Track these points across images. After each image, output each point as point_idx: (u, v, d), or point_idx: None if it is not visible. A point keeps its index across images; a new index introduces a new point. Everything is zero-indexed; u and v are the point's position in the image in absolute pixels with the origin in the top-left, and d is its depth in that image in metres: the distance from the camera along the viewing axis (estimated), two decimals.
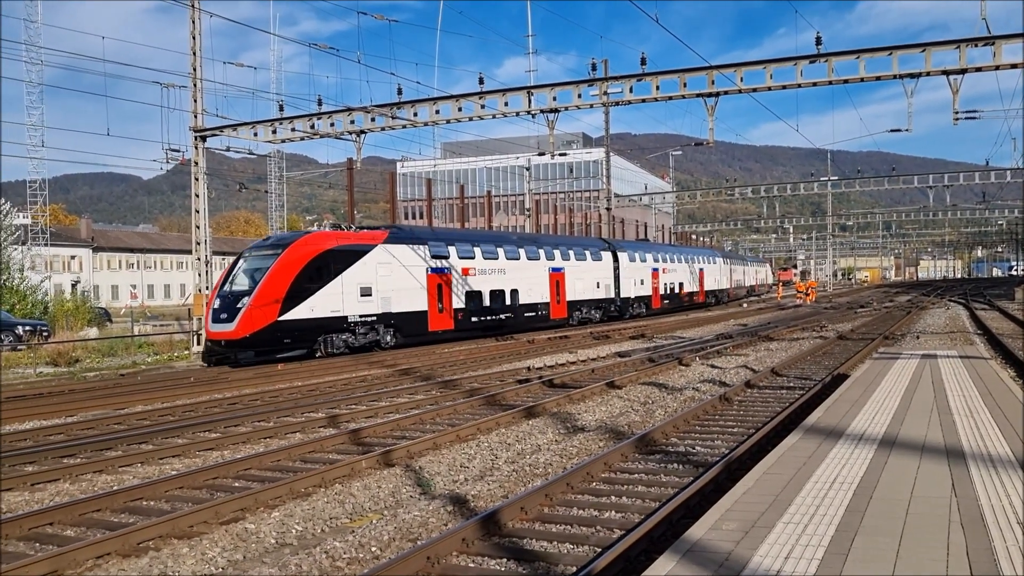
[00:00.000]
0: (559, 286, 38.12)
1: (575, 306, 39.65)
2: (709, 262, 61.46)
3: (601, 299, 42.25)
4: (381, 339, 28.20)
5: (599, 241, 46.20)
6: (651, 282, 48.33)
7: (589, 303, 41.11)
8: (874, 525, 5.72)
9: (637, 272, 46.45)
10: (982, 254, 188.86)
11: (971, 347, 21.28)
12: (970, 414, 10.15)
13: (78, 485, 10.33)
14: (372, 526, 7.78)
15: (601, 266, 42.37)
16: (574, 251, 40.34)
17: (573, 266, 39.56)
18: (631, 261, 45.74)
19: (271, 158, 78.43)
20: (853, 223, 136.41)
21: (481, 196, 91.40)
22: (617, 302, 43.84)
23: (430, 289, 30.47)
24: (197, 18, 28.34)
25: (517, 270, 35.30)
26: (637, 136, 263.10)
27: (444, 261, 31.40)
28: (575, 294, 39.56)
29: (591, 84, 26.14)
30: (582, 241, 45.13)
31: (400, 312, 28.99)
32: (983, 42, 22.41)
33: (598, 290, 41.96)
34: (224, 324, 24.34)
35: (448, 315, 31.38)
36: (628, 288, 45.10)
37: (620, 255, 44.57)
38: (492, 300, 33.74)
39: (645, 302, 47.70)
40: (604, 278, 42.59)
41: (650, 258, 48.92)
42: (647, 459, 10.49)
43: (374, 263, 28.01)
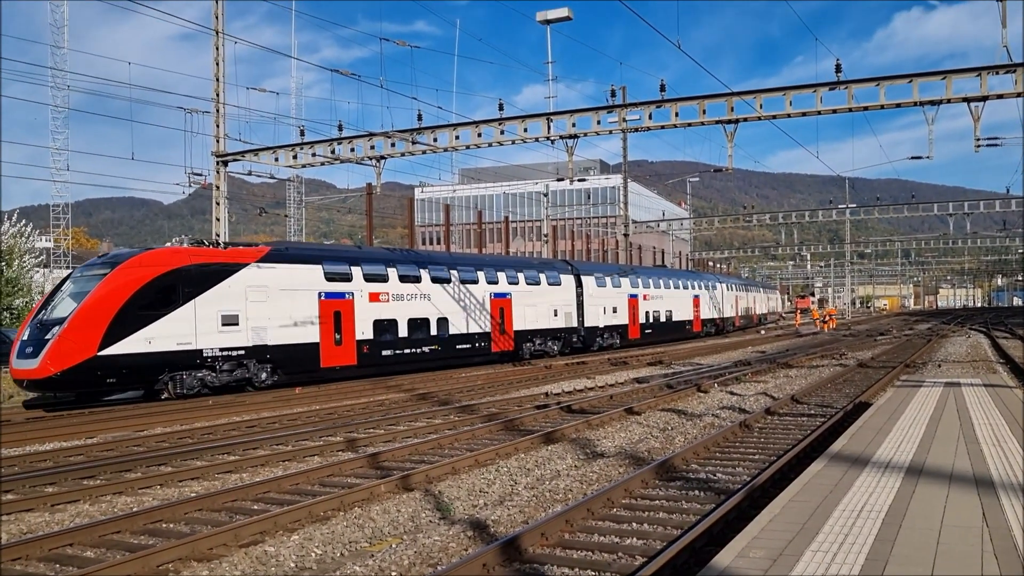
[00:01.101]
0: (504, 314, 33.22)
1: (525, 337, 34.54)
2: (706, 288, 56.30)
3: (560, 329, 36.91)
4: (253, 377, 23.70)
5: (560, 263, 40.78)
6: (627, 310, 43.16)
7: (544, 333, 35.82)
8: (905, 554, 5.62)
9: (608, 299, 41.24)
10: (1002, 283, 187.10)
11: (994, 375, 21.02)
12: (997, 443, 9.99)
13: (98, 506, 10.33)
14: (392, 550, 7.72)
15: (560, 291, 37.17)
16: (525, 274, 35.25)
17: (523, 291, 34.54)
18: (599, 286, 40.70)
19: (291, 183, 79.09)
20: (872, 250, 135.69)
21: (499, 222, 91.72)
22: (581, 332, 38.66)
23: (324, 317, 25.85)
24: (221, 44, 28.72)
25: (446, 295, 30.60)
26: (655, 163, 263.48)
27: (345, 284, 26.80)
28: (525, 323, 34.47)
29: (610, 110, 26.24)
30: (537, 263, 39.52)
31: (280, 345, 24.35)
32: (1004, 69, 22.34)
33: (556, 319, 36.63)
34: (27, 360, 19.84)
35: (349, 348, 26.63)
36: (595, 316, 39.93)
37: (585, 279, 39.39)
38: (412, 330, 28.97)
39: (619, 332, 42.27)
40: (564, 305, 37.37)
41: (626, 283, 43.80)
42: (668, 485, 10.38)
43: (242, 286, 23.40)
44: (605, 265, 47.62)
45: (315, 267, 26.10)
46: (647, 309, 45.71)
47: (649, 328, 45.83)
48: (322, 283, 26.02)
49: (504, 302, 33.48)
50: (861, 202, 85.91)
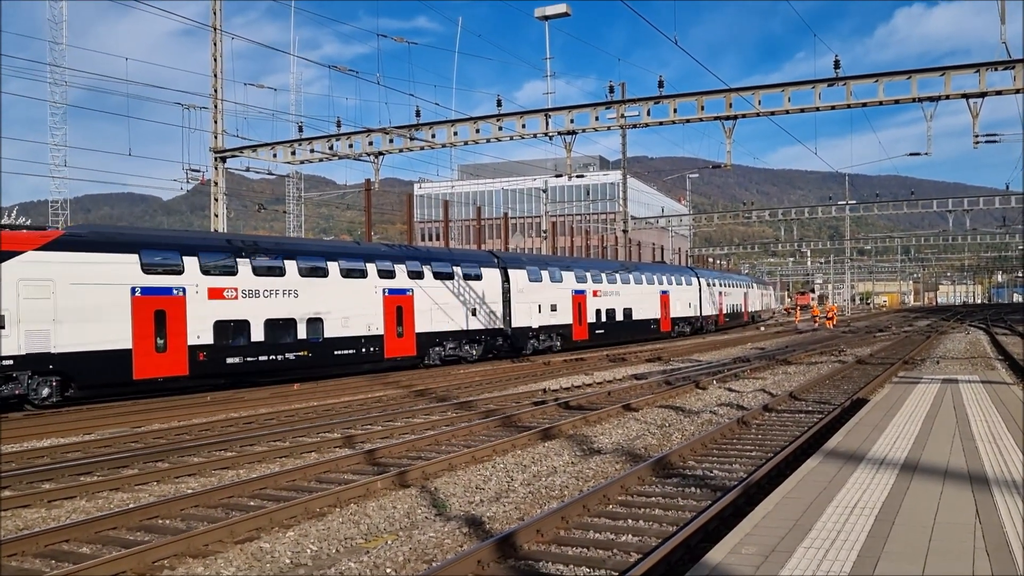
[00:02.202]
0: (402, 313, 28.80)
1: (431, 340, 30.01)
2: (678, 283, 50.77)
3: (480, 331, 32.29)
4: (30, 393, 19.56)
5: (483, 255, 35.76)
6: (572, 308, 38.31)
7: (458, 336, 31.29)
8: (897, 551, 5.63)
9: (544, 295, 36.35)
10: (1002, 279, 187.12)
11: (992, 372, 21.04)
12: (993, 439, 10.00)
13: (94, 503, 10.34)
14: (387, 547, 7.73)
15: (480, 287, 32.62)
16: (433, 267, 30.62)
17: (429, 287, 30.09)
18: (533, 281, 35.83)
19: (290, 179, 79.08)
20: (871, 247, 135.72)
21: (498, 218, 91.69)
22: (508, 333, 33.94)
23: (139, 318, 21.55)
24: (219, 40, 28.71)
25: (321, 292, 26.04)
26: (654, 159, 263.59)
27: (172, 278, 22.37)
28: (432, 324, 29.98)
29: (609, 107, 26.23)
30: (450, 255, 33.68)
31: (72, 352, 20.15)
32: (1003, 66, 22.34)
33: (474, 319, 32.00)
34: None
35: (177, 356, 22.24)
36: (527, 315, 35.06)
37: (513, 273, 34.57)
38: (271, 334, 24.48)
39: (561, 333, 37.50)
40: (486, 303, 32.82)
41: (569, 277, 38.73)
42: (664, 482, 10.39)
43: (13, 280, 19.33)
44: (543, 257, 41.72)
45: (127, 256, 21.66)
46: (599, 307, 40.86)
47: (601, 328, 40.86)
48: (138, 276, 21.70)
49: (402, 300, 28.96)
50: (861, 199, 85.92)
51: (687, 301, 51.41)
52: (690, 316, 51.73)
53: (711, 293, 56.16)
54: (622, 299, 43.21)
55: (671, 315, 48.73)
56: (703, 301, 53.92)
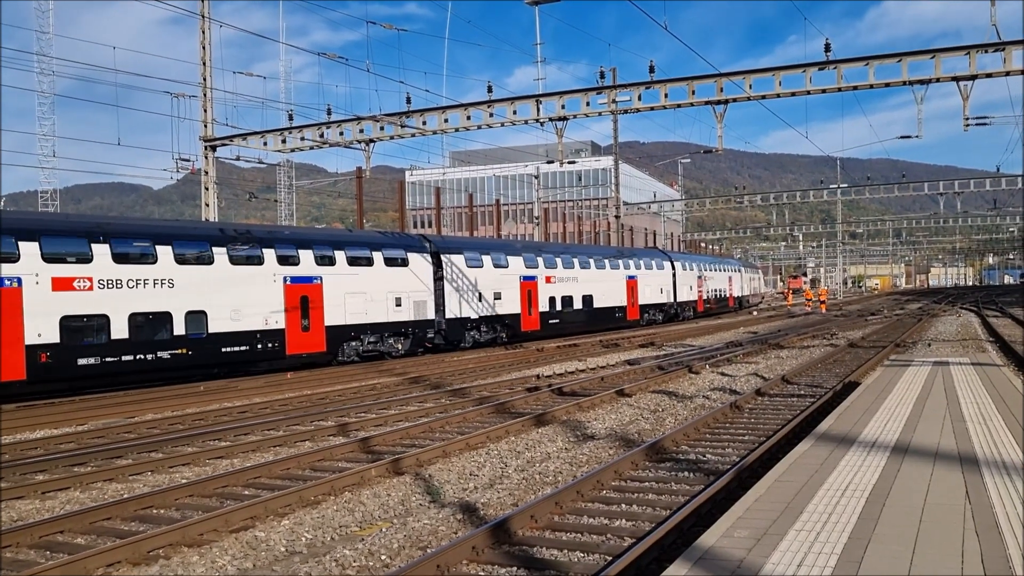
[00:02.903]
0: (308, 305, 25.94)
1: (345, 333, 27.10)
2: (648, 267, 47.48)
3: (407, 322, 29.49)
4: None
5: (412, 238, 32.23)
6: (519, 295, 35.39)
7: (381, 328, 28.41)
8: (887, 533, 5.68)
9: (486, 282, 33.52)
10: (993, 261, 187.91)
11: (983, 354, 21.15)
12: (983, 421, 10.07)
13: (88, 493, 10.35)
14: (382, 534, 7.76)
15: (406, 274, 29.58)
16: (347, 252, 27.58)
17: (343, 275, 27.10)
18: (473, 267, 32.97)
19: (281, 167, 78.85)
20: (863, 230, 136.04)
21: (490, 204, 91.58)
22: (442, 325, 31.26)
23: None
24: (207, 28, 28.53)
25: (204, 281, 23.04)
26: (646, 144, 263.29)
27: (7, 266, 19.33)
28: (346, 315, 27.14)
29: (599, 92, 26.19)
30: (370, 238, 30.11)
31: None
32: (993, 48, 22.36)
33: (399, 310, 29.09)
34: None
35: (13, 358, 19.21)
36: (464, 305, 32.36)
37: (448, 259, 31.83)
38: (137, 330, 21.45)
39: (506, 323, 34.63)
40: (414, 292, 29.81)
41: (517, 263, 35.79)
42: (658, 467, 10.44)
43: None
44: (485, 241, 38.49)
45: None
46: (553, 294, 37.70)
47: (555, 317, 37.81)
48: None
49: (309, 289, 25.98)
50: (852, 182, 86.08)
51: (659, 287, 48.17)
52: (662, 303, 48.55)
53: (688, 278, 52.91)
54: (581, 285, 40.05)
55: (640, 302, 45.52)
56: (677, 286, 50.69)
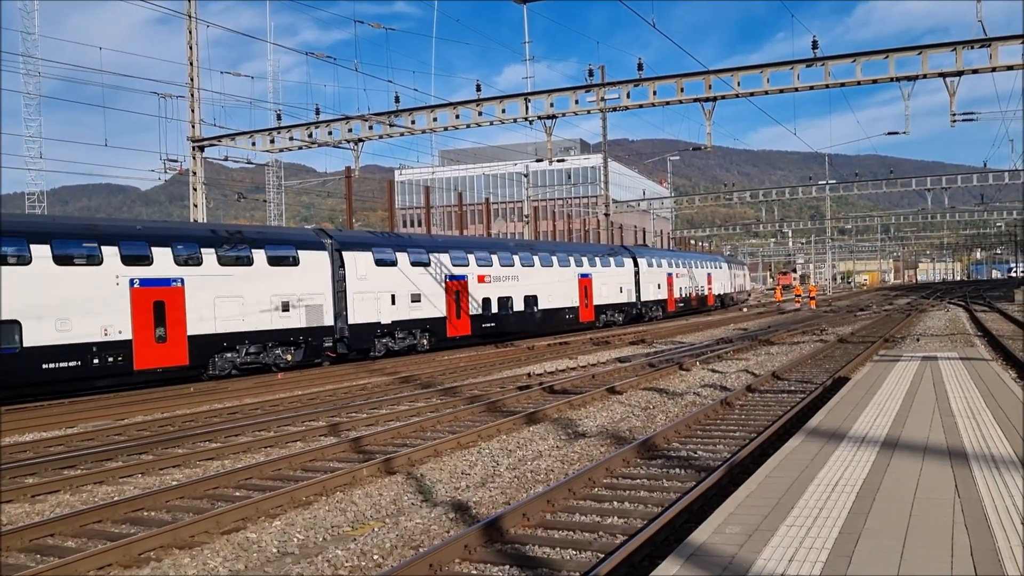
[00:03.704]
0: (164, 311, 22.20)
1: (216, 344, 23.27)
2: (605, 264, 43.41)
3: (295, 329, 25.47)
4: None
5: (305, 234, 28.36)
6: (444, 297, 31.39)
7: (260, 337, 24.45)
8: (878, 527, 5.70)
9: (400, 283, 29.48)
10: (981, 256, 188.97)
11: (972, 349, 21.26)
12: (972, 415, 10.13)
13: (79, 496, 10.30)
14: (374, 534, 7.75)
15: (298, 275, 25.70)
16: (216, 251, 23.63)
17: (210, 276, 23.26)
18: (382, 265, 28.84)
19: (269, 167, 78.65)
20: (852, 226, 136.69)
21: (479, 203, 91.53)
22: (343, 332, 27.35)
23: None
24: (194, 28, 28.41)
25: (15, 285, 19.38)
26: (635, 142, 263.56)
27: None
28: (216, 323, 23.24)
29: (588, 90, 26.20)
30: (249, 233, 25.73)
31: None
32: (979, 44, 22.47)
33: (285, 316, 25.14)
34: None
35: None
36: (372, 309, 28.19)
37: (352, 257, 27.71)
38: None
39: (427, 328, 30.57)
40: (305, 295, 25.78)
41: (441, 261, 31.60)
42: (649, 464, 10.46)
43: None
44: (401, 236, 33.19)
45: None
46: (487, 295, 33.83)
47: (490, 321, 33.89)
48: None
49: (165, 293, 22.34)
50: (841, 178, 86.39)
51: (618, 285, 44.23)
52: (623, 303, 44.71)
53: (654, 275, 48.81)
54: (522, 285, 36.00)
55: (595, 302, 41.59)
56: (642, 284, 46.68)
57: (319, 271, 26.43)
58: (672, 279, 51.34)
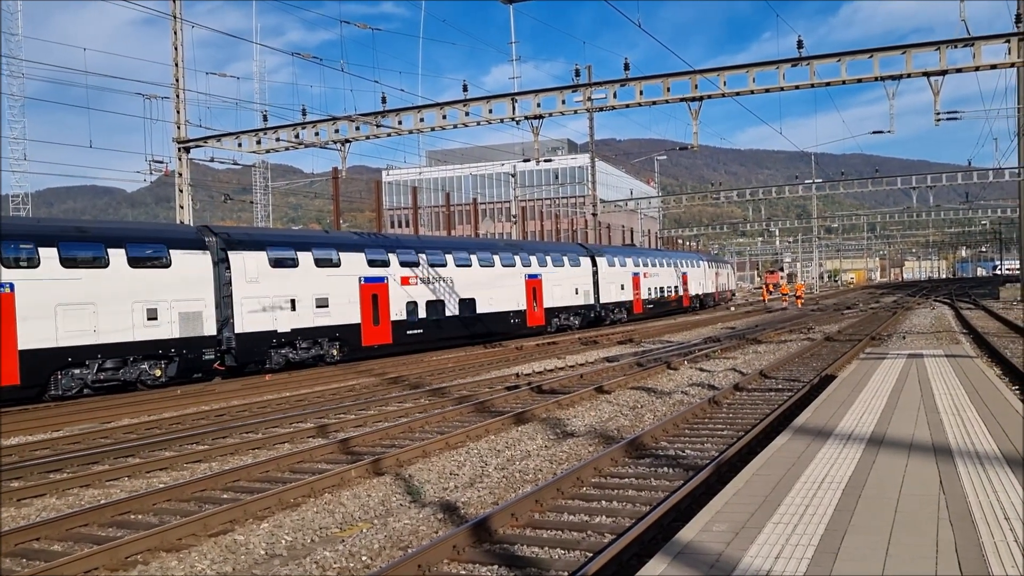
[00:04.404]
0: None
1: (55, 359, 20.00)
2: (558, 264, 40.12)
3: (168, 340, 22.18)
4: None
5: (181, 230, 25.27)
6: (359, 301, 28.09)
7: (119, 350, 21.21)
8: (863, 524, 5.74)
9: (303, 286, 26.09)
10: (966, 254, 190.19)
11: (957, 346, 21.40)
12: (957, 412, 10.20)
13: (64, 500, 10.24)
14: (362, 535, 7.74)
15: (164, 279, 22.34)
16: (59, 252, 20.36)
17: (49, 281, 19.98)
18: (279, 266, 25.58)
19: (256, 168, 78.40)
20: (838, 225, 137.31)
21: (467, 204, 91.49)
22: (228, 343, 24.03)
23: None
24: (179, 29, 28.27)
25: None
26: (622, 142, 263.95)
27: None
28: (55, 336, 19.96)
29: (575, 90, 26.19)
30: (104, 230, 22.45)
31: None
32: (963, 43, 22.59)
33: (154, 325, 21.81)
34: None
35: None
36: (266, 315, 24.80)
37: (240, 257, 24.41)
38: None
39: (339, 336, 27.21)
40: (177, 300, 22.43)
41: (355, 262, 28.36)
42: (637, 463, 10.49)
43: None
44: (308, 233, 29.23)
45: None
46: (413, 298, 30.47)
47: (416, 327, 30.57)
48: None
49: None
50: (827, 177, 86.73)
51: (573, 286, 41.14)
52: (579, 305, 41.61)
53: (617, 275, 45.69)
54: (456, 287, 32.79)
55: (546, 304, 38.49)
56: (601, 285, 43.53)
57: (198, 273, 23.28)
58: (639, 279, 48.46)
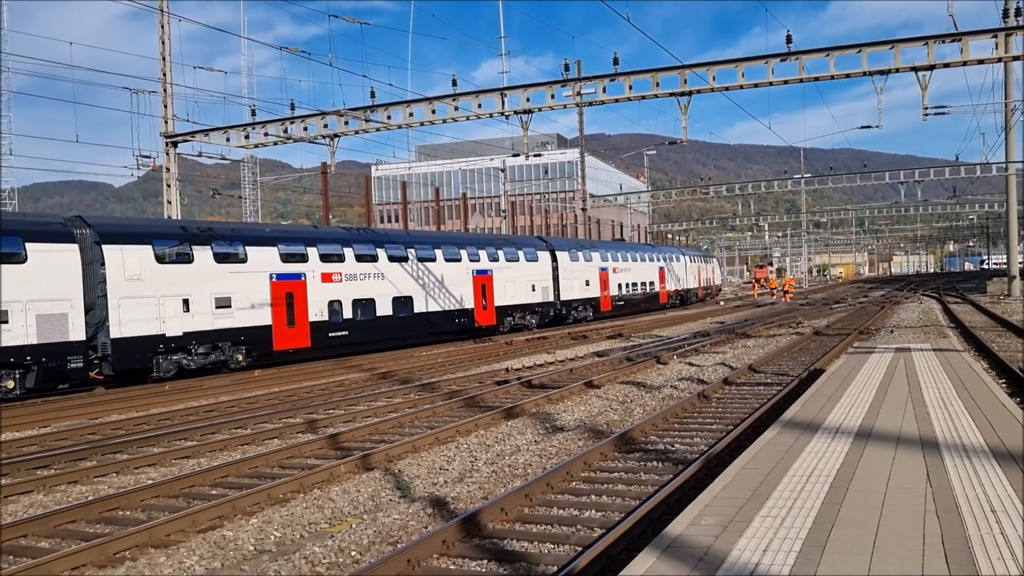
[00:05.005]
0: None
1: None
2: (511, 259, 36.91)
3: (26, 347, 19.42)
4: None
5: (40, 219, 21.90)
6: (271, 302, 24.95)
7: None
8: (851, 517, 5.76)
9: (198, 285, 22.96)
10: (954, 249, 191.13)
11: (944, 340, 21.52)
12: (944, 405, 10.25)
13: (52, 496, 10.19)
14: (352, 530, 7.73)
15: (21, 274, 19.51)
16: None
17: None
18: (169, 262, 22.57)
19: (244, 163, 78.06)
20: (827, 219, 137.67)
21: (457, 198, 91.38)
22: (103, 348, 21.19)
23: None
24: (166, 23, 28.12)
25: None
26: (611, 136, 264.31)
27: None
28: None
29: (564, 85, 26.20)
30: None
31: None
32: (951, 38, 22.70)
33: (6, 330, 19.06)
34: None
35: None
36: (153, 318, 21.90)
37: (117, 251, 21.40)
38: None
39: (245, 339, 24.12)
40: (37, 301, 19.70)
41: (265, 257, 25.12)
42: (627, 457, 10.51)
43: None
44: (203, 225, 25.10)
45: None
46: (337, 297, 27.48)
47: (341, 328, 27.58)
48: None
49: None
50: (815, 172, 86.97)
51: (530, 283, 38.02)
52: (537, 303, 38.47)
53: (581, 270, 43.00)
54: (389, 284, 29.73)
55: (497, 302, 35.54)
56: (562, 281, 40.78)
57: (62, 270, 20.33)
58: (607, 275, 45.84)
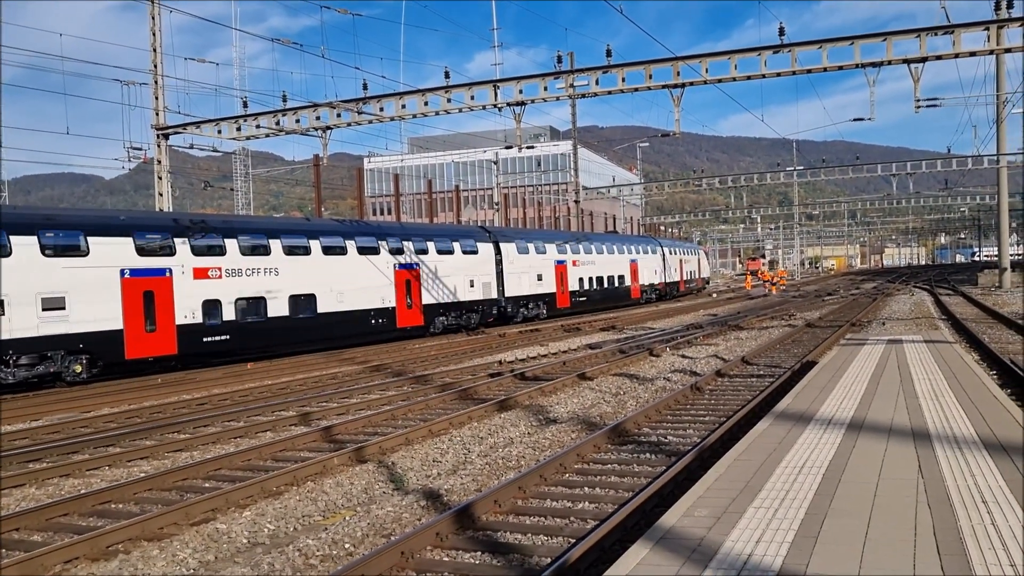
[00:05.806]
0: None
1: None
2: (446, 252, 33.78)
3: None
4: None
5: None
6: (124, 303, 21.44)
7: None
8: (843, 508, 5.79)
9: (21, 283, 19.51)
10: (946, 241, 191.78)
11: (936, 332, 21.60)
12: (935, 397, 10.30)
13: (44, 490, 10.16)
14: (345, 523, 7.73)
15: None
16: None
17: None
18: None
19: (236, 156, 77.73)
20: (819, 212, 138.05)
21: (449, 191, 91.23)
22: None
23: None
24: (157, 14, 27.96)
25: None
26: (604, 129, 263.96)
27: None
28: None
29: (557, 77, 26.15)
30: None
31: None
32: (943, 31, 22.71)
33: None
34: None
35: None
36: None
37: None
38: None
39: (86, 346, 20.64)
40: None
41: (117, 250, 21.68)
42: (620, 449, 10.53)
43: None
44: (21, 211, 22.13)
45: None
46: (215, 296, 23.91)
47: (220, 332, 23.92)
48: None
49: None
50: (808, 164, 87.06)
51: (467, 278, 34.76)
52: (476, 300, 35.10)
53: (531, 264, 39.26)
54: (286, 280, 26.09)
55: (424, 300, 31.94)
56: (506, 276, 37.19)
57: None
58: (565, 268, 42.21)
